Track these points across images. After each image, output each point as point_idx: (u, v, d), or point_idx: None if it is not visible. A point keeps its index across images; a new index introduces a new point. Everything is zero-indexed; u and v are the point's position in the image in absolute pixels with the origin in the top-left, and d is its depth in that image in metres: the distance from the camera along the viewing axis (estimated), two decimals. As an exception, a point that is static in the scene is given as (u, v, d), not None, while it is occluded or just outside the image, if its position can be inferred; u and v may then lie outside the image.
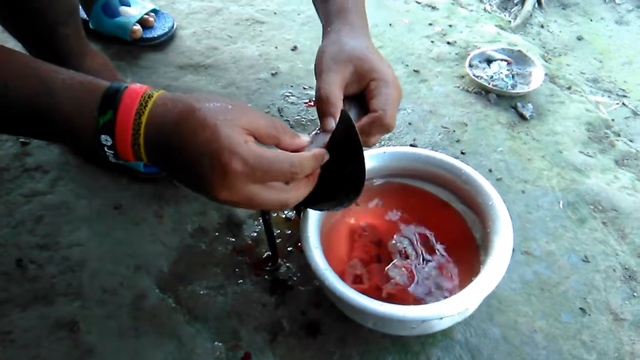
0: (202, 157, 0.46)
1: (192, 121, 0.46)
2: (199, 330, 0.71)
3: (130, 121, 0.46)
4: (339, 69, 0.60)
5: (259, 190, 0.48)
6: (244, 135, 0.47)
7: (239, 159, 0.45)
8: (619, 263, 0.81)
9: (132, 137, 0.47)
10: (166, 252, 0.79)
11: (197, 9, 1.26)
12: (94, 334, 0.71)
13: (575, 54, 1.55)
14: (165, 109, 0.47)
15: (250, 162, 0.46)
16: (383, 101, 0.59)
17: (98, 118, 0.46)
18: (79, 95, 0.47)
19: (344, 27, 0.64)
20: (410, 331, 0.67)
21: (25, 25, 0.80)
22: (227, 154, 0.45)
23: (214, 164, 0.45)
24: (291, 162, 0.49)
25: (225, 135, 0.46)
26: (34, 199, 0.85)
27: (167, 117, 0.47)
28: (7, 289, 0.74)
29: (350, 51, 0.61)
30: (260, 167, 0.47)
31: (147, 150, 0.48)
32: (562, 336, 0.72)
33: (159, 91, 0.49)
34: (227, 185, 0.46)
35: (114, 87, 0.48)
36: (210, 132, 0.45)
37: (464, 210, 0.75)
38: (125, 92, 0.47)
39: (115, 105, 0.46)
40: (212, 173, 0.46)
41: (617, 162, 0.98)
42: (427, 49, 1.20)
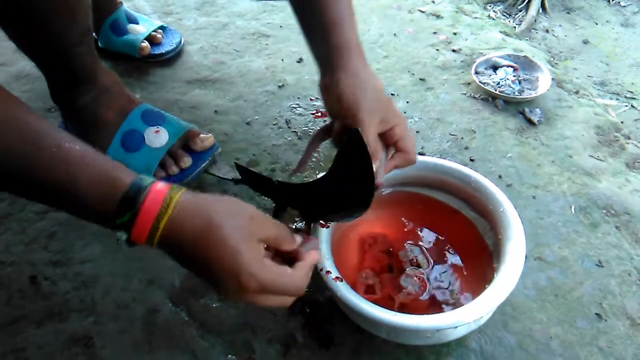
0: (220, 273, 0.49)
1: (213, 239, 0.49)
2: (212, 344, 0.71)
3: (148, 226, 0.49)
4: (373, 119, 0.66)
5: (265, 298, 0.52)
6: (260, 249, 0.51)
7: (256, 281, 0.49)
8: (634, 267, 0.80)
9: (148, 237, 0.50)
10: (177, 266, 0.78)
11: (204, 25, 1.28)
12: (108, 349, 0.71)
13: (582, 57, 1.55)
14: (186, 219, 0.49)
15: (264, 284, 0.50)
16: (409, 143, 0.69)
17: (116, 218, 0.49)
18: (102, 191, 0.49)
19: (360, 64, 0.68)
20: (424, 340, 0.66)
21: (42, 47, 0.81)
22: (245, 275, 0.49)
23: (233, 281, 0.49)
24: (298, 288, 0.54)
25: (246, 258, 0.49)
26: (47, 215, 0.86)
27: (186, 229, 0.49)
28: (22, 306, 0.75)
29: (378, 99, 0.67)
30: (273, 288, 0.51)
31: (160, 248, 0.51)
32: (578, 342, 0.72)
33: (180, 191, 0.51)
34: (240, 296, 0.51)
35: (135, 188, 0.49)
36: (232, 253, 0.49)
37: (475, 218, 0.75)
38: (147, 197, 0.49)
39: (134, 209, 0.49)
40: (230, 287, 0.50)
41: (628, 165, 0.97)
42: (433, 57, 1.20)
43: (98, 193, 0.49)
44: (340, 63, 0.68)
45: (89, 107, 0.88)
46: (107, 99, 0.90)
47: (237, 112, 1.05)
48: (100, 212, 0.49)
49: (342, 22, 0.68)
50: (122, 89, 0.93)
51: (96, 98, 0.89)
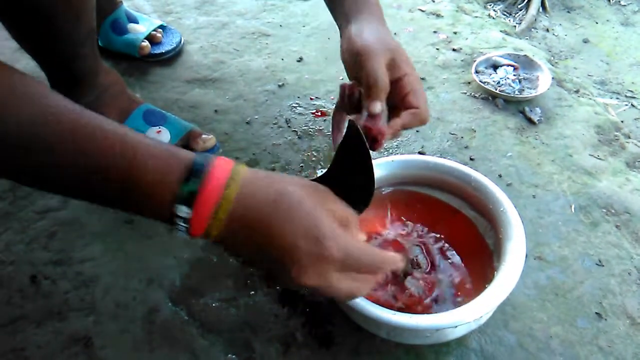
0: (299, 239, 0.43)
1: (289, 201, 0.44)
2: (212, 343, 0.71)
3: (217, 194, 0.43)
4: (382, 55, 0.60)
5: (339, 279, 0.46)
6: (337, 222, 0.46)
7: (339, 247, 0.44)
8: (634, 266, 0.80)
9: (214, 211, 0.43)
10: (178, 265, 0.80)
11: (204, 24, 1.28)
12: (107, 348, 0.71)
13: (582, 56, 1.55)
14: (257, 186, 0.45)
15: (348, 251, 0.45)
16: (420, 97, 0.61)
17: (181, 187, 0.43)
18: (163, 162, 0.43)
19: (374, 17, 0.65)
20: (424, 340, 0.66)
21: (46, 47, 0.81)
22: (329, 240, 0.44)
23: (313, 247, 0.43)
24: (383, 259, 0.48)
25: (327, 221, 0.44)
26: (47, 215, 0.86)
27: (259, 196, 0.44)
28: (22, 306, 0.75)
29: (388, 41, 0.62)
30: (357, 258, 0.46)
31: (226, 225, 0.44)
32: (578, 342, 0.71)
33: (243, 166, 0.46)
34: (318, 269, 0.44)
35: (201, 158, 0.45)
36: (311, 215, 0.44)
37: (475, 217, 0.75)
38: (215, 164, 0.44)
39: (202, 176, 0.43)
40: (307, 255, 0.44)
41: (629, 164, 0.97)
42: (433, 56, 1.20)
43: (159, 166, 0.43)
44: (355, 17, 0.65)
45: (91, 107, 0.87)
46: (109, 98, 0.90)
47: (237, 112, 1.05)
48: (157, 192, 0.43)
49: None
50: (123, 89, 0.94)
51: (98, 98, 0.89)
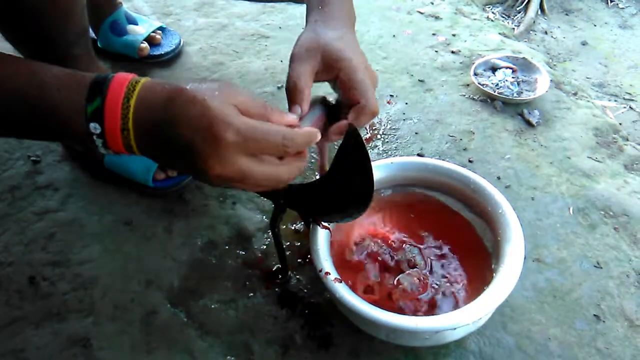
0: (194, 132, 0.46)
1: (182, 98, 0.46)
2: (211, 345, 0.71)
3: (119, 106, 0.47)
4: (308, 58, 0.60)
5: (251, 164, 0.48)
6: (234, 109, 0.48)
7: (231, 128, 0.46)
8: (632, 269, 0.80)
9: (122, 121, 0.47)
10: (177, 267, 0.80)
11: (203, 26, 1.28)
12: (106, 350, 0.71)
13: (580, 59, 1.55)
14: (154, 91, 0.48)
15: (242, 131, 0.46)
16: (361, 90, 0.59)
17: (86, 106, 0.47)
18: (68, 84, 0.48)
19: (322, 18, 0.65)
20: (423, 342, 0.66)
21: (38, 48, 0.81)
22: (219, 124, 0.45)
23: (207, 135, 0.45)
24: (283, 135, 0.49)
25: (216, 108, 0.46)
26: (46, 216, 0.86)
27: (156, 98, 0.47)
28: (20, 307, 0.75)
29: (321, 40, 0.61)
30: (253, 137, 0.47)
31: (136, 135, 0.48)
32: (577, 344, 0.72)
33: (145, 78, 0.49)
34: (220, 156, 0.46)
35: (102, 76, 0.48)
36: (200, 106, 0.46)
37: (474, 219, 0.75)
38: (113, 79, 0.48)
39: (103, 92, 0.47)
40: (205, 145, 0.46)
41: (627, 167, 0.97)
42: (432, 58, 1.21)
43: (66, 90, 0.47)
44: (308, 20, 0.66)
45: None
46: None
47: (236, 113, 1.05)
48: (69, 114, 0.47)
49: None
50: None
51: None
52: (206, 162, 0.46)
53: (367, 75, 0.60)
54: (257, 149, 0.48)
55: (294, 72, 0.60)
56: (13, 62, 0.50)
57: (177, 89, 0.47)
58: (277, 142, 0.49)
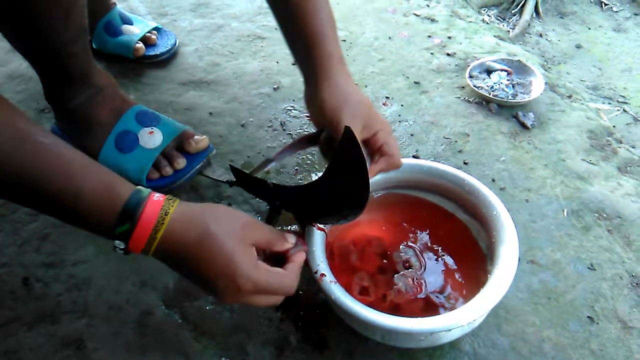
0: (218, 278, 0.53)
1: (210, 246, 0.53)
2: (205, 346, 0.71)
3: (146, 236, 0.52)
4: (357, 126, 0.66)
5: (257, 299, 0.56)
6: (252, 253, 0.55)
7: (251, 282, 0.54)
8: (625, 270, 0.81)
9: (145, 246, 0.53)
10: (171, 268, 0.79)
11: (199, 26, 1.28)
12: (100, 351, 0.70)
13: (575, 62, 1.56)
14: (182, 228, 0.53)
15: (259, 286, 0.54)
16: (393, 146, 0.70)
17: (115, 228, 0.52)
18: (102, 204, 0.52)
19: (343, 75, 0.70)
20: (418, 343, 0.66)
21: (36, 45, 0.81)
22: (242, 279, 0.53)
23: (229, 284, 0.53)
24: (290, 285, 0.58)
25: (241, 261, 0.53)
26: (40, 217, 0.85)
27: (184, 238, 0.53)
28: (14, 308, 0.75)
29: (360, 106, 0.68)
30: (267, 288, 0.56)
31: (155, 256, 0.54)
32: (570, 345, 0.72)
33: (175, 203, 0.54)
34: (236, 298, 0.55)
35: (134, 201, 0.52)
36: (226, 257, 0.53)
37: (469, 221, 0.75)
38: (145, 210, 0.52)
39: (133, 221, 0.52)
40: (226, 290, 0.54)
41: (620, 169, 0.98)
42: (427, 60, 1.21)
43: (98, 204, 0.51)
44: (322, 74, 0.69)
45: (83, 108, 0.88)
46: (102, 99, 0.89)
47: (231, 114, 1.05)
48: (99, 222, 0.52)
49: (323, 34, 0.70)
50: (116, 90, 0.93)
51: (90, 98, 0.88)
52: (222, 298, 0.55)
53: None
54: (263, 293, 0.56)
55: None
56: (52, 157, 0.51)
57: (205, 232, 0.53)
58: (283, 290, 0.58)
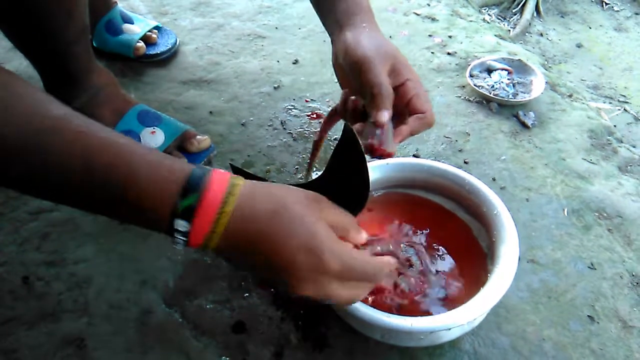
0: (297, 253, 0.44)
1: (287, 216, 0.45)
2: (206, 345, 0.71)
3: (215, 209, 0.44)
4: (383, 62, 0.60)
5: (339, 288, 0.48)
6: (333, 232, 0.47)
7: (338, 259, 0.45)
8: (626, 270, 0.81)
9: (213, 224, 0.44)
10: (172, 267, 0.80)
11: (199, 25, 1.27)
12: (100, 350, 0.70)
13: (575, 61, 1.56)
14: (254, 201, 0.45)
15: (345, 262, 0.46)
16: (425, 100, 0.61)
17: (179, 201, 0.43)
18: (161, 175, 0.43)
19: (369, 23, 0.65)
20: (418, 342, 0.66)
21: (38, 45, 0.81)
22: (327, 252, 0.45)
23: (313, 260, 0.45)
24: (380, 270, 0.50)
25: (323, 234, 0.45)
26: (40, 215, 0.85)
27: (257, 210, 0.45)
28: (14, 307, 0.75)
29: (388, 47, 0.61)
30: (353, 269, 0.47)
31: (222, 240, 0.45)
32: (571, 345, 0.72)
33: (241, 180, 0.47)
34: (317, 281, 0.46)
35: (198, 173, 0.45)
36: (307, 229, 0.45)
37: (469, 220, 0.75)
38: (212, 179, 0.44)
39: (200, 191, 0.43)
40: (306, 268, 0.45)
41: (621, 169, 0.98)
42: (428, 60, 1.21)
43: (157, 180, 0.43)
44: (348, 23, 0.64)
45: (85, 108, 0.88)
46: (103, 99, 0.89)
47: (232, 113, 1.05)
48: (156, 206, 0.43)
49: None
50: (118, 89, 0.93)
51: (92, 98, 0.88)
52: (299, 283, 0.45)
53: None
54: (350, 277, 0.48)
55: (377, 78, 0.59)
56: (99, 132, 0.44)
57: (282, 203, 0.46)
58: (370, 276, 0.50)
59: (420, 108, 0.60)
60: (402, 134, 0.60)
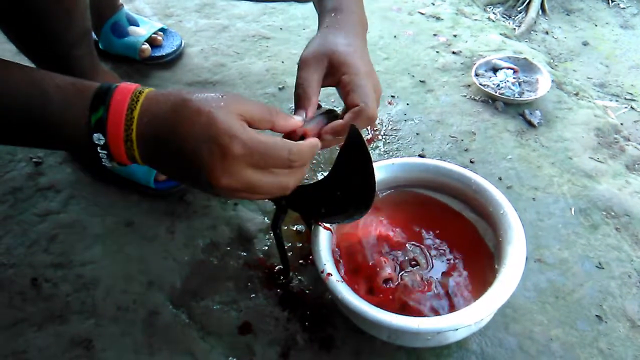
0: (199, 144, 0.46)
1: (187, 110, 0.46)
2: (213, 346, 0.71)
3: (123, 116, 0.47)
4: (316, 64, 0.60)
5: (258, 175, 0.48)
6: (239, 120, 0.48)
7: (238, 141, 0.46)
8: (634, 269, 0.80)
9: (125, 132, 0.47)
10: (178, 268, 0.80)
11: (204, 27, 1.28)
12: (108, 351, 0.71)
13: (581, 59, 1.55)
14: (157, 102, 0.48)
15: (249, 145, 0.46)
16: (361, 94, 0.58)
17: (90, 116, 0.47)
18: (71, 95, 0.47)
19: (333, 25, 0.65)
20: (425, 343, 0.66)
21: (40, 47, 0.81)
22: (225, 137, 0.45)
23: (213, 148, 0.45)
24: (289, 150, 0.49)
25: (222, 119, 0.46)
26: (48, 218, 0.86)
27: (160, 109, 0.47)
28: (23, 309, 0.75)
29: (327, 46, 0.61)
30: (259, 151, 0.47)
31: (140, 146, 0.48)
32: (578, 344, 0.72)
33: (149, 88, 0.50)
34: (227, 169, 0.46)
35: (105, 86, 0.48)
36: (206, 117, 0.46)
37: (476, 220, 0.75)
38: (116, 90, 0.48)
39: (106, 102, 0.47)
40: (211, 158, 0.46)
41: (628, 167, 0.97)
42: (433, 59, 1.21)
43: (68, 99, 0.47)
44: (319, 26, 0.66)
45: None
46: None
47: (237, 114, 1.05)
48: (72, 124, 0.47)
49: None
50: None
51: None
52: (212, 174, 0.46)
53: (370, 81, 0.60)
54: (263, 162, 0.48)
55: (302, 79, 0.60)
56: (13, 69, 0.49)
57: (181, 99, 0.47)
58: (283, 157, 0.49)
59: (353, 102, 0.58)
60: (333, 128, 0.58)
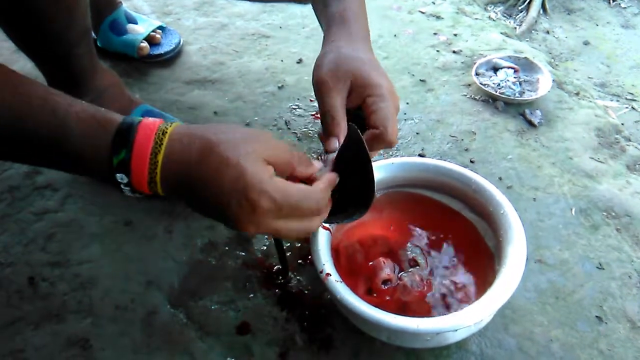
0: (228, 196, 0.45)
1: (214, 159, 0.46)
2: (211, 346, 0.71)
3: (147, 160, 0.46)
4: (339, 87, 0.60)
5: (285, 224, 0.49)
6: (267, 168, 0.47)
7: (267, 196, 0.46)
8: (634, 270, 0.80)
9: (149, 175, 0.46)
10: (177, 268, 0.80)
11: (203, 25, 1.27)
12: (106, 351, 0.70)
13: (582, 59, 1.55)
14: (182, 145, 0.47)
15: (278, 200, 0.46)
16: (382, 117, 0.58)
17: (112, 158, 0.46)
18: (93, 130, 0.46)
19: (343, 36, 0.64)
20: (424, 343, 0.66)
21: (40, 47, 0.81)
22: (255, 192, 0.45)
23: (242, 202, 0.45)
24: (317, 201, 0.50)
25: (251, 172, 0.45)
26: (45, 216, 0.86)
27: (184, 154, 0.46)
28: (20, 307, 0.75)
29: (348, 65, 0.60)
30: (288, 204, 0.47)
31: (164, 186, 0.48)
32: (579, 345, 0.71)
33: (172, 124, 0.48)
34: (255, 221, 0.47)
35: (127, 123, 0.47)
36: (234, 169, 0.45)
37: (476, 220, 0.75)
38: (139, 130, 0.46)
39: (129, 144, 0.46)
40: (240, 210, 0.46)
41: (629, 167, 0.97)
42: (433, 58, 1.20)
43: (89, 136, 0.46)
44: (327, 37, 0.65)
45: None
46: (108, 99, 0.89)
47: (236, 113, 1.05)
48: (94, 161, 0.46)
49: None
50: (122, 90, 0.93)
51: (96, 99, 0.88)
52: (239, 224, 0.47)
53: (392, 101, 0.60)
54: (291, 214, 0.48)
55: (328, 105, 0.59)
56: (31, 95, 0.47)
57: (208, 146, 0.46)
58: (312, 207, 0.50)
59: (374, 124, 0.59)
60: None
